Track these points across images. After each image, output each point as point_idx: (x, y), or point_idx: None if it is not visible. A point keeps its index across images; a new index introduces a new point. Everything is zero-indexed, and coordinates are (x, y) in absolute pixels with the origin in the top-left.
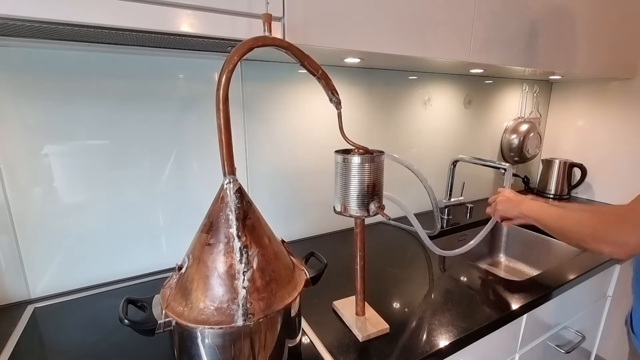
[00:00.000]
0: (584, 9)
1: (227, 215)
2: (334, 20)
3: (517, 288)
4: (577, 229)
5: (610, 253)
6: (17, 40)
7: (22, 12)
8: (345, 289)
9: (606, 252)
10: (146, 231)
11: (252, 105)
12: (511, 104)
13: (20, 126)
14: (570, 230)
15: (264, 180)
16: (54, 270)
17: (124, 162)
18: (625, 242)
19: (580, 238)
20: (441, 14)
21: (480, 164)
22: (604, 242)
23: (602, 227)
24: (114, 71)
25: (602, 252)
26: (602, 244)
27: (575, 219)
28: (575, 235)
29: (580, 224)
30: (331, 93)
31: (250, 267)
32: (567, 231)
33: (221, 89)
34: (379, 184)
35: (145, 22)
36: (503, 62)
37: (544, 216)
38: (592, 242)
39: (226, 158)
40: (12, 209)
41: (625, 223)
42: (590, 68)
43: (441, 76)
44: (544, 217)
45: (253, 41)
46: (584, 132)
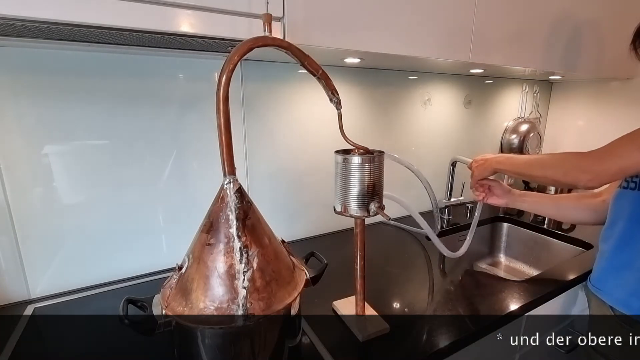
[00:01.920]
0: (584, 8)
1: (227, 215)
2: (334, 20)
3: (517, 288)
4: (558, 164)
5: (587, 181)
6: (17, 40)
7: (22, 12)
8: (346, 289)
9: (584, 180)
10: (146, 231)
11: (252, 105)
12: (511, 104)
13: (20, 126)
14: (551, 165)
15: (264, 180)
16: (54, 270)
17: (124, 162)
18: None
19: (563, 172)
20: (441, 14)
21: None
22: (585, 172)
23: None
24: (114, 71)
25: (580, 180)
26: (583, 173)
27: (553, 157)
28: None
29: (562, 159)
30: (331, 93)
31: (250, 267)
32: (547, 167)
33: (221, 89)
34: (379, 184)
35: (145, 22)
36: (503, 62)
37: (517, 161)
38: (574, 173)
39: (226, 158)
40: (12, 209)
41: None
42: (591, 68)
43: (441, 76)
44: (516, 162)
45: (253, 41)
46: (584, 132)
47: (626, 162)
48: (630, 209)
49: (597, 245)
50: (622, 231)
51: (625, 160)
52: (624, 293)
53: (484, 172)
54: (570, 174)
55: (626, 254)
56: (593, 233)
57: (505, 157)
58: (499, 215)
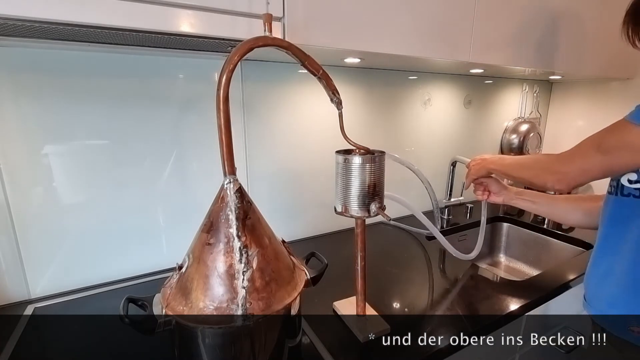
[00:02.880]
0: (584, 8)
1: (227, 215)
2: (334, 20)
3: (517, 288)
4: (532, 165)
5: (554, 182)
6: (17, 40)
7: (22, 12)
8: (346, 289)
9: (551, 181)
10: (146, 231)
11: (252, 105)
12: (511, 104)
13: (20, 126)
14: (527, 166)
15: (264, 180)
16: (54, 270)
17: (124, 162)
18: (566, 172)
19: (534, 173)
20: (441, 13)
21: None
22: (553, 174)
23: (554, 162)
24: (114, 71)
25: (548, 181)
26: (550, 174)
27: (529, 159)
28: (530, 172)
29: (535, 160)
30: (332, 93)
31: (249, 267)
32: (523, 168)
33: (221, 89)
34: (380, 185)
35: (145, 22)
36: (503, 62)
37: (504, 162)
38: (542, 175)
39: (226, 158)
40: (12, 209)
41: (572, 156)
42: (591, 68)
43: (441, 76)
44: (504, 163)
45: (253, 41)
46: (584, 132)
47: (587, 164)
48: (609, 213)
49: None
50: (601, 236)
51: (585, 162)
52: (603, 303)
53: (479, 172)
54: (540, 176)
55: (605, 261)
56: (593, 233)
57: (498, 157)
58: (499, 215)
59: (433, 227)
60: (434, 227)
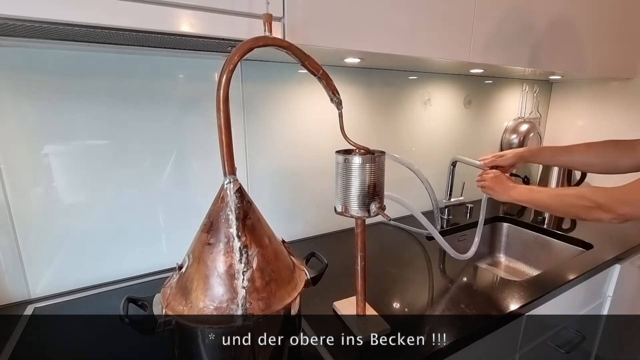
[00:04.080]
0: (584, 8)
1: (227, 215)
2: (334, 20)
3: (517, 288)
4: (578, 202)
5: (610, 220)
6: (17, 40)
7: (22, 12)
8: (346, 289)
9: (606, 219)
10: (146, 231)
11: (252, 105)
12: (511, 104)
13: (20, 126)
14: (570, 203)
15: (264, 180)
16: (54, 270)
17: (124, 162)
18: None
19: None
20: (441, 13)
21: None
22: (608, 212)
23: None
24: (114, 71)
25: (603, 219)
26: (605, 213)
27: (576, 193)
28: (574, 209)
29: (583, 197)
30: (332, 93)
31: (249, 267)
32: (567, 204)
33: (221, 89)
34: (380, 185)
35: (145, 22)
36: (503, 62)
37: (539, 197)
38: (594, 212)
39: (226, 158)
40: (12, 209)
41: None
42: (591, 68)
43: (441, 76)
44: (539, 198)
45: (253, 41)
46: (584, 132)
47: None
48: None
49: (598, 245)
50: None
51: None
52: None
53: (499, 195)
54: (590, 213)
55: None
56: (593, 233)
57: (525, 189)
58: (499, 215)
59: (431, 227)
60: (432, 227)
